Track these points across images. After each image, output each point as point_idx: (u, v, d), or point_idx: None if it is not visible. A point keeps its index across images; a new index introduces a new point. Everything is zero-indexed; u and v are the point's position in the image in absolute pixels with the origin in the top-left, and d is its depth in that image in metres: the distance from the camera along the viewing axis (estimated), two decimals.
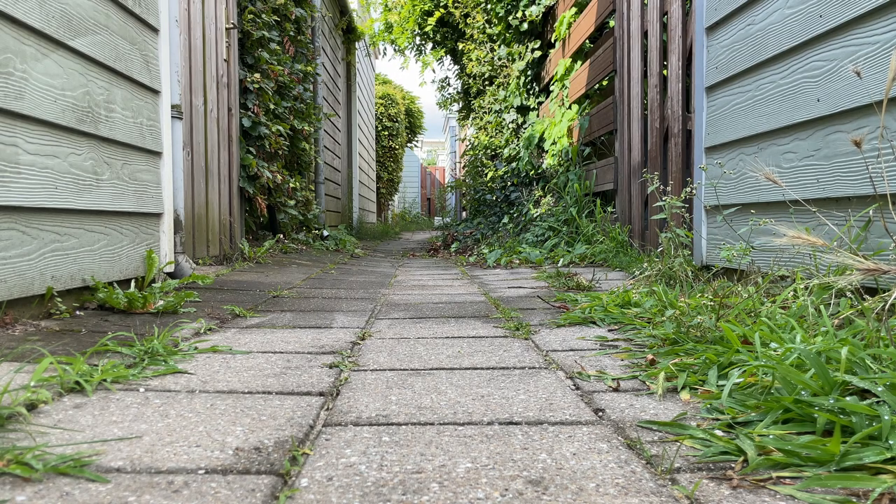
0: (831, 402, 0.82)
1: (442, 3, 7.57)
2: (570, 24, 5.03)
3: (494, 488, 0.70)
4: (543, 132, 5.50)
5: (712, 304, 1.51)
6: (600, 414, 0.96)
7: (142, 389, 1.07)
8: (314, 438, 0.86)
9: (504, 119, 6.67)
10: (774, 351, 1.05)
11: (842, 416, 0.79)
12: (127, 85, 2.13)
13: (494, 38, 6.93)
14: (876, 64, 1.54)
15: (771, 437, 0.80)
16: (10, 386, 0.95)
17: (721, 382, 1.04)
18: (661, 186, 3.16)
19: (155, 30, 2.35)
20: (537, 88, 6.21)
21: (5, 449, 0.75)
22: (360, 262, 4.41)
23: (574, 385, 1.13)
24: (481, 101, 7.27)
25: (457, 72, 8.31)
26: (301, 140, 4.95)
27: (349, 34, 8.24)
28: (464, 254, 5.08)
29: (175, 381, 1.13)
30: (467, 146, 7.96)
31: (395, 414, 0.96)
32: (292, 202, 4.67)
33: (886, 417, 0.75)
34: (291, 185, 4.65)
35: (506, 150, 6.48)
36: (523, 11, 6.03)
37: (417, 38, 8.02)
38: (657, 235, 2.93)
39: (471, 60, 7.32)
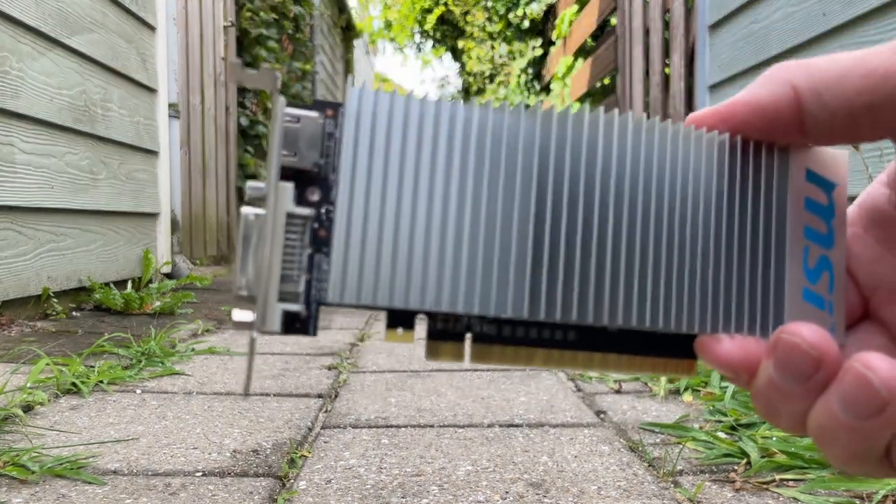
0: None
1: (442, 1, 7.56)
2: (571, 22, 5.02)
3: (495, 491, 0.69)
4: None
5: None
6: (602, 416, 0.96)
7: (138, 391, 1.06)
8: (312, 441, 0.85)
9: None
10: None
11: None
12: (124, 83, 2.12)
13: (495, 35, 6.92)
14: None
15: (774, 438, 0.79)
16: (6, 387, 0.94)
17: (724, 384, 1.03)
18: None
19: (152, 28, 2.34)
20: (538, 87, 6.21)
21: (2, 451, 0.74)
22: None
23: (575, 387, 1.13)
24: (482, 100, 7.26)
25: (457, 70, 8.30)
26: None
27: (348, 32, 8.23)
28: None
29: (172, 382, 1.13)
30: None
31: (394, 416, 0.95)
32: None
33: None
34: None
35: None
36: (524, 9, 6.02)
37: (417, 36, 8.01)
38: None
39: (471, 58, 7.31)
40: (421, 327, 0.22)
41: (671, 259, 0.21)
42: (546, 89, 6.07)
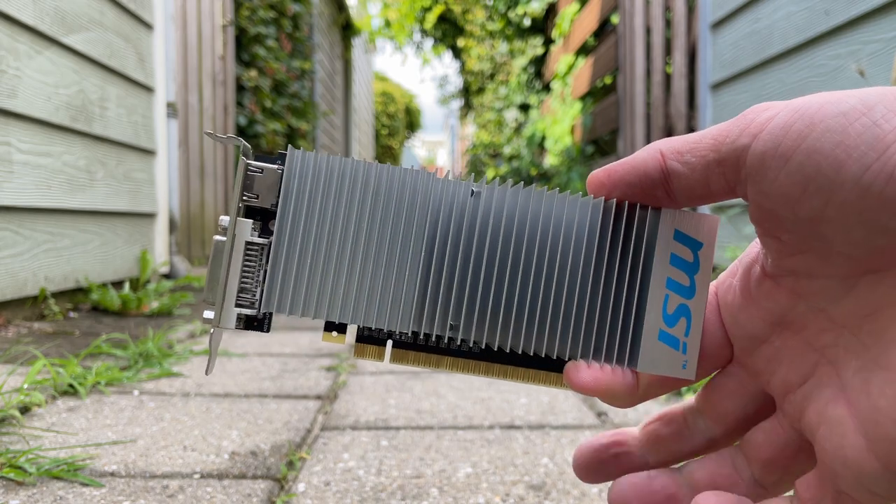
0: None
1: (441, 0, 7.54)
2: (572, 21, 5.01)
3: (495, 493, 0.68)
4: (545, 130, 5.49)
5: None
6: (603, 417, 0.95)
7: (136, 392, 1.06)
8: (311, 443, 0.84)
9: (505, 117, 6.64)
10: None
11: None
12: (121, 82, 2.11)
13: (495, 34, 6.90)
14: (883, 62, 1.53)
15: None
16: (3, 389, 0.93)
17: None
18: None
19: (150, 26, 2.33)
20: (539, 85, 6.19)
21: None
22: None
23: None
24: (482, 99, 7.25)
25: (457, 68, 8.28)
26: (298, 138, 4.93)
27: (347, 31, 8.22)
28: None
29: (170, 383, 1.12)
30: (468, 145, 7.95)
31: (393, 418, 0.95)
32: None
33: None
34: None
35: (507, 149, 6.46)
36: (524, 7, 6.00)
37: (416, 35, 7.99)
38: None
39: (471, 57, 7.30)
40: (351, 332, 0.27)
41: (547, 299, 0.26)
42: (547, 88, 6.06)
